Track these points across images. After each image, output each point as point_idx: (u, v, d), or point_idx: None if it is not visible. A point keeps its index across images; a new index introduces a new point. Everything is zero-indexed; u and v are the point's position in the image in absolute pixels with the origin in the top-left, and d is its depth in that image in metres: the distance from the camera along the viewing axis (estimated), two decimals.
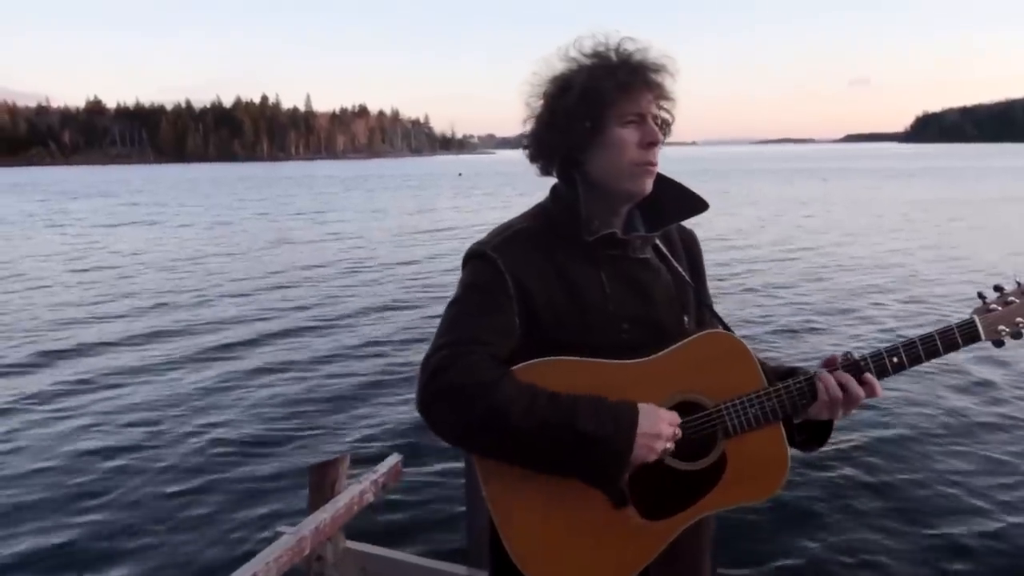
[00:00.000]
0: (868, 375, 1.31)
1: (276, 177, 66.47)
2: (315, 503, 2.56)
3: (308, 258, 14.97)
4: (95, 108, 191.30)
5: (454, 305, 1.33)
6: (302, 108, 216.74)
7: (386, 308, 10.01)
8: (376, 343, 8.16)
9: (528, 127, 1.39)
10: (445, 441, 1.28)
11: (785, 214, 22.62)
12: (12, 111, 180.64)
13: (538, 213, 1.42)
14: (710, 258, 1.65)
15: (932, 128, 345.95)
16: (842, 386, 1.31)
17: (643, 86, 1.29)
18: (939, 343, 1.32)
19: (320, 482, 2.55)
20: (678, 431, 1.25)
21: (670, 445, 1.25)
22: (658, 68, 1.30)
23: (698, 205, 1.41)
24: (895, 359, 1.32)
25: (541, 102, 1.36)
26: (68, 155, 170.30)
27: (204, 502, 4.51)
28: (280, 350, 7.92)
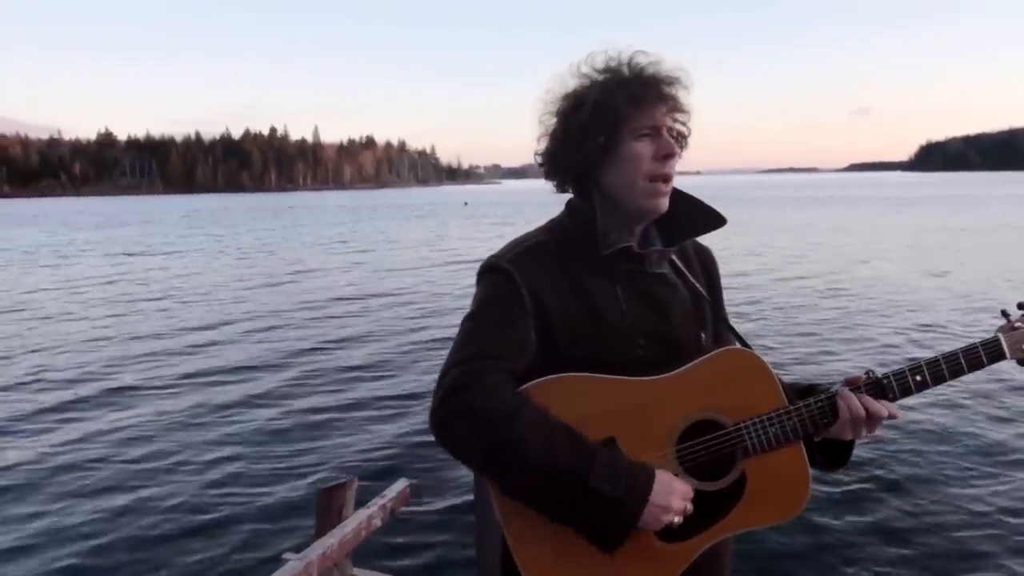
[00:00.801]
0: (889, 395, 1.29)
1: (286, 207, 66.99)
2: (322, 528, 2.52)
3: (318, 286, 14.99)
4: (106, 140, 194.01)
5: (470, 319, 1.31)
6: (310, 139, 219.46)
7: (396, 333, 10.00)
8: (386, 367, 8.13)
9: (542, 145, 1.38)
10: (455, 459, 1.26)
11: (791, 240, 22.60)
12: (24, 143, 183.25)
13: (554, 227, 1.41)
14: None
15: (936, 157, 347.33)
16: (864, 406, 1.28)
17: (656, 99, 1.28)
18: (963, 361, 1.29)
19: (327, 506, 2.51)
20: (689, 506, 1.23)
21: (678, 519, 1.21)
22: (671, 80, 1.29)
23: (715, 220, 1.40)
24: (918, 377, 1.29)
25: (555, 119, 1.35)
26: (78, 186, 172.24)
27: (208, 527, 4.45)
28: (289, 374, 7.89)
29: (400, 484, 2.70)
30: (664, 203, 1.33)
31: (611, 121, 1.28)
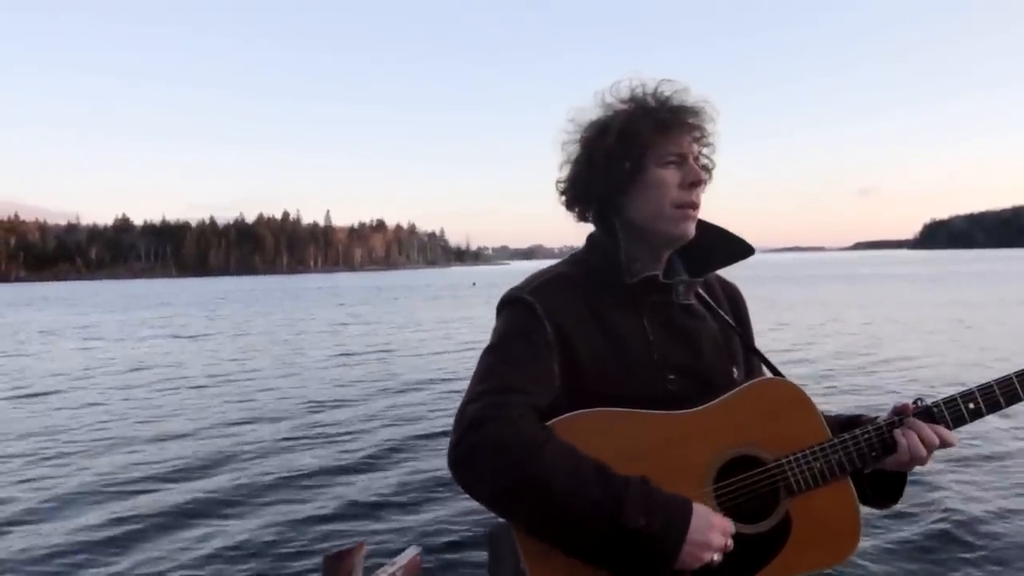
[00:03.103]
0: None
1: (302, 288, 67.50)
2: None
3: (336, 367, 14.89)
4: (122, 225, 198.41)
5: (490, 352, 1.25)
6: (321, 223, 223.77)
7: (408, 405, 9.87)
8: (397, 439, 7.98)
9: (564, 172, 1.35)
10: (475, 499, 1.17)
11: (801, 316, 22.43)
12: (43, 229, 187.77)
13: (576, 261, 1.37)
14: None
15: (941, 235, 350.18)
16: (937, 434, 1.20)
17: (682, 127, 1.26)
18: (1018, 387, 1.21)
19: (333, 573, 2.37)
20: (730, 543, 1.13)
21: (718, 557, 1.12)
22: (697, 110, 1.28)
23: (742, 250, 1.35)
24: (971, 405, 1.21)
25: (578, 147, 1.32)
26: (93, 270, 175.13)
27: None
28: (294, 436, 7.77)
29: (411, 551, 2.56)
30: (691, 229, 1.29)
31: (637, 147, 1.25)
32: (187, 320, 28.85)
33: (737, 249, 1.35)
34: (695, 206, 1.28)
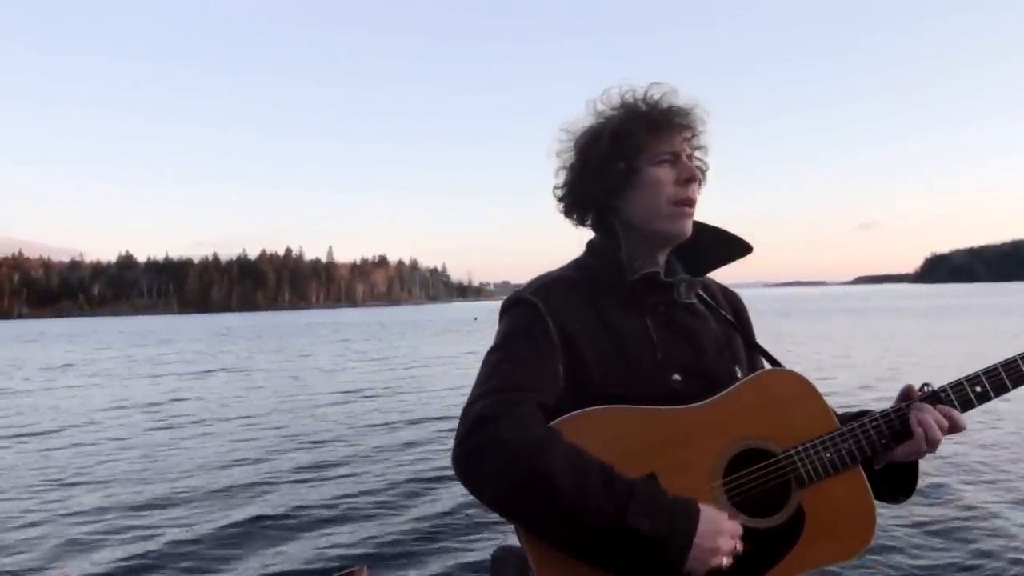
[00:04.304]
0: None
1: (304, 324, 67.44)
2: None
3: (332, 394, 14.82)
4: (126, 262, 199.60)
5: (494, 352, 1.24)
6: (324, 259, 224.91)
7: (409, 424, 9.77)
8: (398, 456, 7.91)
9: (560, 178, 1.36)
10: (480, 501, 1.14)
11: (813, 349, 22.33)
12: (46, 266, 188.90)
13: (577, 266, 1.37)
14: None
15: (942, 269, 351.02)
16: (947, 416, 1.18)
17: (673, 127, 1.27)
18: (1023, 367, 1.19)
19: None
20: (739, 546, 1.10)
21: (727, 561, 1.09)
22: (687, 111, 1.29)
23: (741, 248, 1.35)
24: (978, 388, 1.20)
25: (572, 153, 1.33)
26: (95, 306, 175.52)
27: None
28: (297, 462, 7.66)
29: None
30: (688, 226, 1.29)
31: (630, 148, 1.26)
32: (191, 356, 28.78)
33: (735, 247, 1.35)
34: (691, 202, 1.28)
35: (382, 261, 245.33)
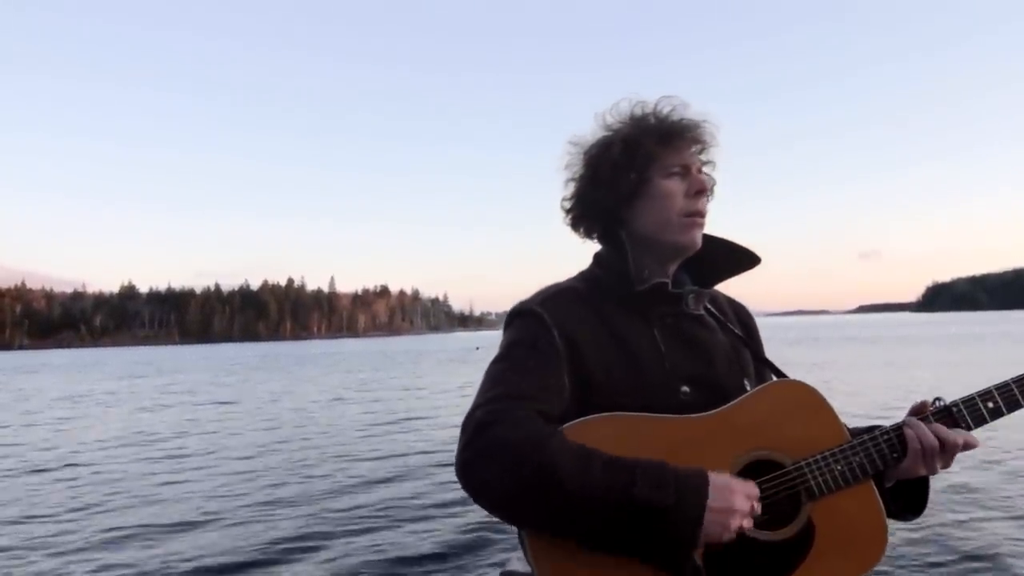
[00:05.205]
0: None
1: (307, 354, 66.94)
2: None
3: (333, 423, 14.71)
4: (127, 293, 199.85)
5: (498, 363, 1.23)
6: (326, 289, 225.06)
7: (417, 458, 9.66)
8: (405, 479, 7.79)
9: (569, 189, 1.36)
10: (486, 509, 1.12)
11: (820, 376, 22.15)
12: (48, 297, 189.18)
13: (584, 277, 1.36)
14: None
15: (944, 297, 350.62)
16: (936, 434, 1.16)
17: (684, 140, 1.28)
18: None
19: None
20: (757, 505, 1.08)
21: (747, 523, 1.07)
22: (698, 124, 1.29)
23: (749, 259, 1.35)
24: (990, 404, 1.19)
25: (581, 164, 1.34)
26: (97, 337, 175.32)
27: None
28: (308, 487, 7.57)
29: None
30: (698, 238, 1.29)
31: (642, 158, 1.26)
32: (193, 387, 28.64)
33: (743, 259, 1.35)
34: (702, 214, 1.29)
35: (383, 291, 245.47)
